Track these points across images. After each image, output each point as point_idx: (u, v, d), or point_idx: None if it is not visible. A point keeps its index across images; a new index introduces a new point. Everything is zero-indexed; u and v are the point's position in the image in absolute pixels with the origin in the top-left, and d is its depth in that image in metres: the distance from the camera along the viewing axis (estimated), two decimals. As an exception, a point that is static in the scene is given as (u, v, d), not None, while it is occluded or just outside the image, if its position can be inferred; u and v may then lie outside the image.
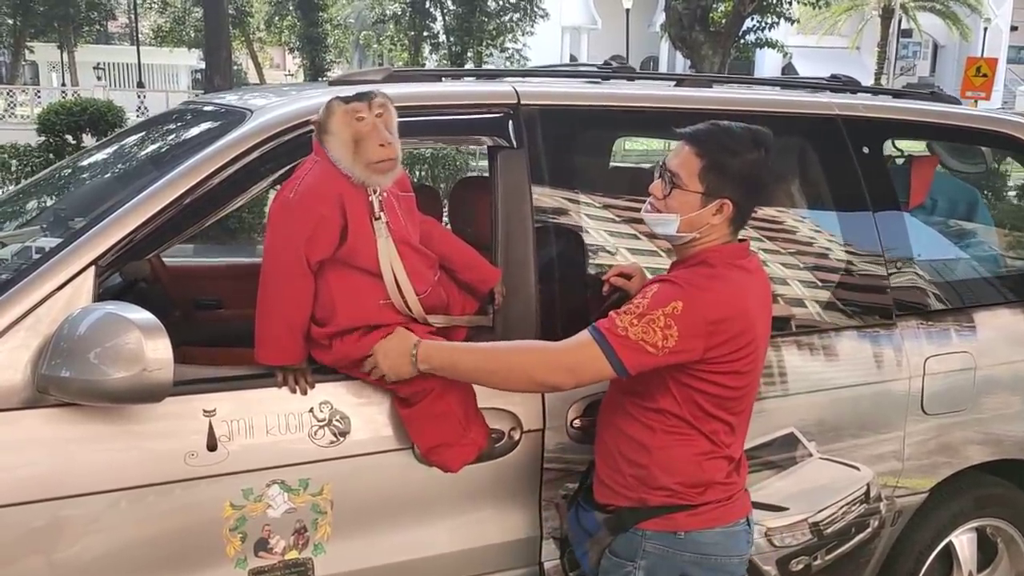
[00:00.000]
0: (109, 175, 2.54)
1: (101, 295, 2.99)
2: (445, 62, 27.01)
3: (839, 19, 34.88)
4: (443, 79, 2.56)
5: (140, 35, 36.18)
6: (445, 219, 3.10)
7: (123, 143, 2.75)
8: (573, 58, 36.64)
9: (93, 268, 1.89)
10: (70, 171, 2.84)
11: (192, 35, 29.82)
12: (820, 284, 2.64)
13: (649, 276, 2.30)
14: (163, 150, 2.43)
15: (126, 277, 3.06)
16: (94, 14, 33.02)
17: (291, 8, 30.16)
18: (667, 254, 2.30)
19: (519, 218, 2.26)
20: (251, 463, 1.95)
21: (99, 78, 32.04)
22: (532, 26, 28.76)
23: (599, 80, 2.76)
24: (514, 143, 2.29)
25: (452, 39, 27.35)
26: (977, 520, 2.87)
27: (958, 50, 37.97)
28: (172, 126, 2.64)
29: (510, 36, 28.40)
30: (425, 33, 28.11)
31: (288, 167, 2.06)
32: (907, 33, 37.64)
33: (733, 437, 2.05)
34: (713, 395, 1.97)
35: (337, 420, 2.03)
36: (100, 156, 2.78)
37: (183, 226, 1.99)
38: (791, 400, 2.50)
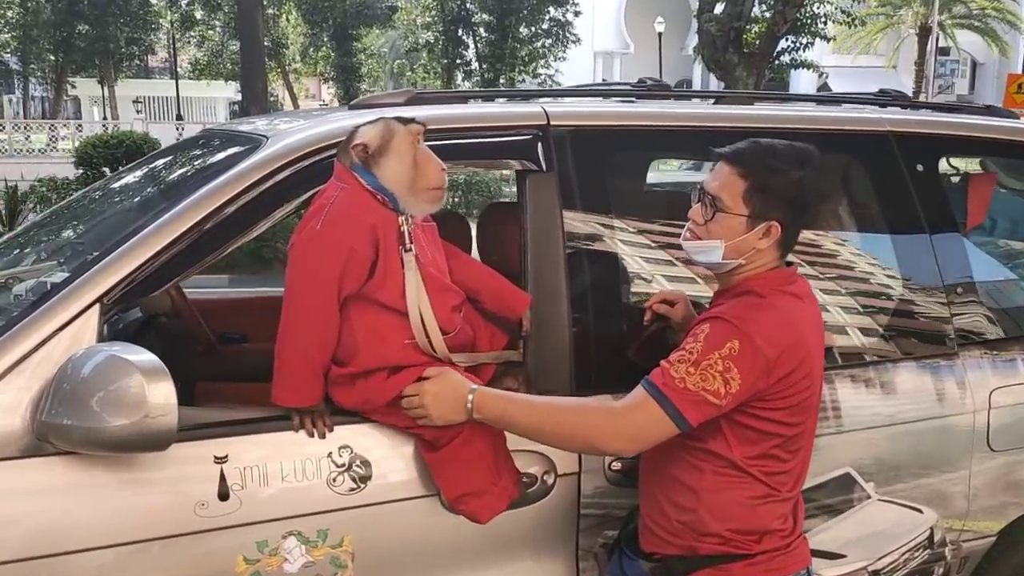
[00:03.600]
0: (120, 207, 2.44)
1: (120, 331, 2.96)
2: (478, 89, 27.11)
3: (875, 38, 34.52)
4: (470, 101, 2.44)
5: (179, 69, 36.79)
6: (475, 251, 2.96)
7: (137, 173, 2.66)
8: (604, 80, 36.63)
9: (98, 306, 1.77)
10: (86, 203, 2.75)
11: (229, 67, 30.22)
12: (874, 313, 2.47)
13: (692, 305, 2.15)
14: (175, 180, 2.33)
15: (146, 311, 2.96)
16: (133, 49, 33.60)
17: (326, 39, 30.48)
18: (708, 281, 2.15)
19: (550, 245, 2.12)
20: (265, 513, 1.82)
21: (138, 111, 32.58)
22: (564, 51, 28.79)
23: (633, 99, 2.62)
24: (543, 166, 2.15)
25: (484, 66, 27.45)
26: (1052, 565, 2.65)
27: (997, 67, 37.38)
28: (188, 155, 2.54)
29: (542, 62, 28.44)
30: (458, 61, 28.24)
31: (306, 195, 1.94)
32: (945, 51, 37.15)
33: (791, 479, 1.88)
34: (770, 433, 1.81)
35: (357, 465, 1.90)
36: (115, 186, 2.69)
37: (194, 259, 1.88)
38: (846, 437, 2.33)
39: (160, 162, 2.69)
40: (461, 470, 1.90)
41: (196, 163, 2.37)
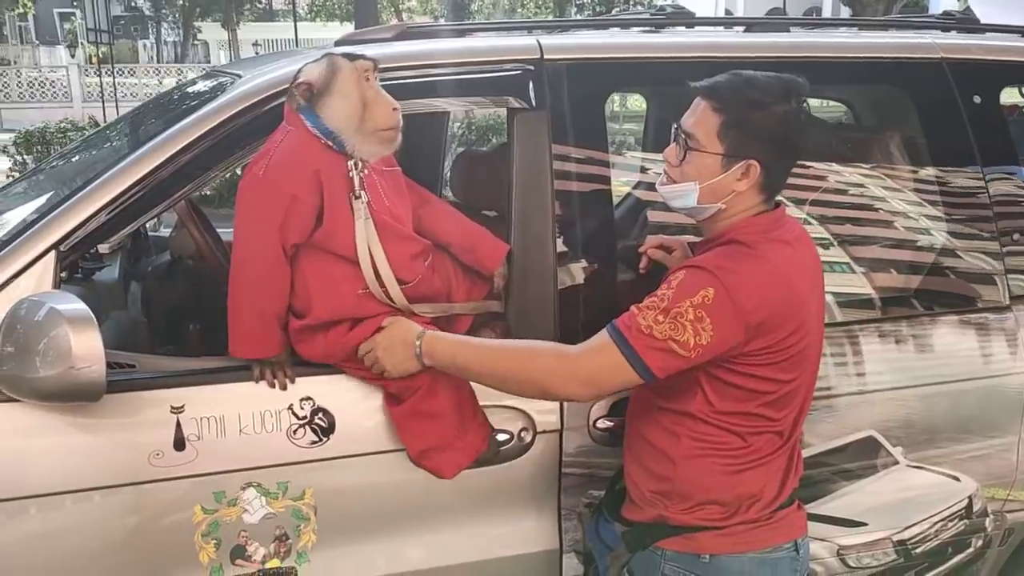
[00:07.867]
0: (98, 151, 2.42)
1: (149, 272, 2.98)
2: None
3: (1025, -44, 31.84)
4: (466, 35, 2.30)
5: (299, 11, 37.37)
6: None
7: (129, 118, 2.64)
8: (728, 13, 35.13)
9: (54, 253, 1.75)
10: (80, 149, 2.75)
11: (344, 7, 30.48)
12: (914, 259, 2.24)
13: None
14: (148, 124, 2.28)
15: (175, 253, 2.98)
16: (253, -10, 34.33)
17: (439, -24, 30.35)
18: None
19: (538, 188, 1.99)
20: (223, 464, 1.79)
21: (257, 55, 33.25)
22: (682, -19, 27.75)
23: (652, 29, 2.42)
24: (534, 103, 2.01)
25: (597, -1, 26.77)
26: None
27: None
28: (174, 98, 2.49)
29: (658, -7, 27.50)
30: (571, -6, 27.64)
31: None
32: (1106, -31, 33.90)
33: (780, 441, 1.72)
34: (758, 391, 1.65)
35: (320, 418, 1.84)
36: (107, 131, 2.69)
37: (153, 204, 1.84)
38: (870, 397, 2.13)
39: (151, 105, 2.66)
40: (424, 424, 1.82)
41: (173, 106, 2.32)
